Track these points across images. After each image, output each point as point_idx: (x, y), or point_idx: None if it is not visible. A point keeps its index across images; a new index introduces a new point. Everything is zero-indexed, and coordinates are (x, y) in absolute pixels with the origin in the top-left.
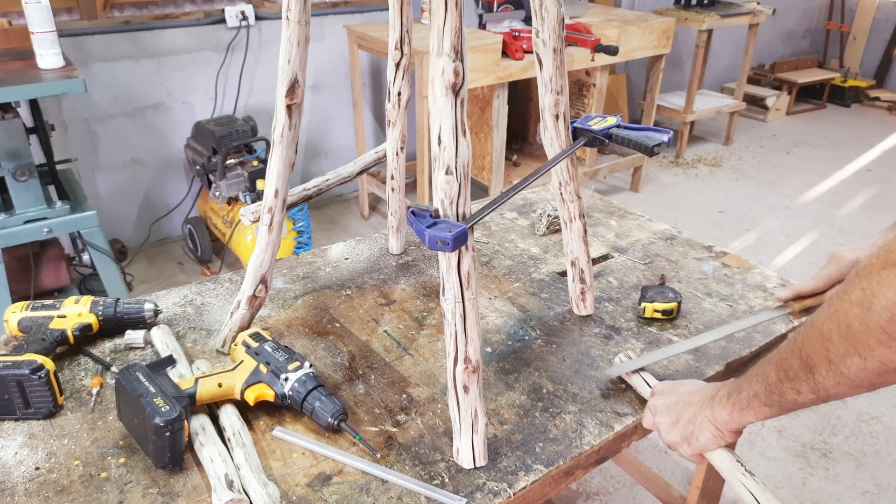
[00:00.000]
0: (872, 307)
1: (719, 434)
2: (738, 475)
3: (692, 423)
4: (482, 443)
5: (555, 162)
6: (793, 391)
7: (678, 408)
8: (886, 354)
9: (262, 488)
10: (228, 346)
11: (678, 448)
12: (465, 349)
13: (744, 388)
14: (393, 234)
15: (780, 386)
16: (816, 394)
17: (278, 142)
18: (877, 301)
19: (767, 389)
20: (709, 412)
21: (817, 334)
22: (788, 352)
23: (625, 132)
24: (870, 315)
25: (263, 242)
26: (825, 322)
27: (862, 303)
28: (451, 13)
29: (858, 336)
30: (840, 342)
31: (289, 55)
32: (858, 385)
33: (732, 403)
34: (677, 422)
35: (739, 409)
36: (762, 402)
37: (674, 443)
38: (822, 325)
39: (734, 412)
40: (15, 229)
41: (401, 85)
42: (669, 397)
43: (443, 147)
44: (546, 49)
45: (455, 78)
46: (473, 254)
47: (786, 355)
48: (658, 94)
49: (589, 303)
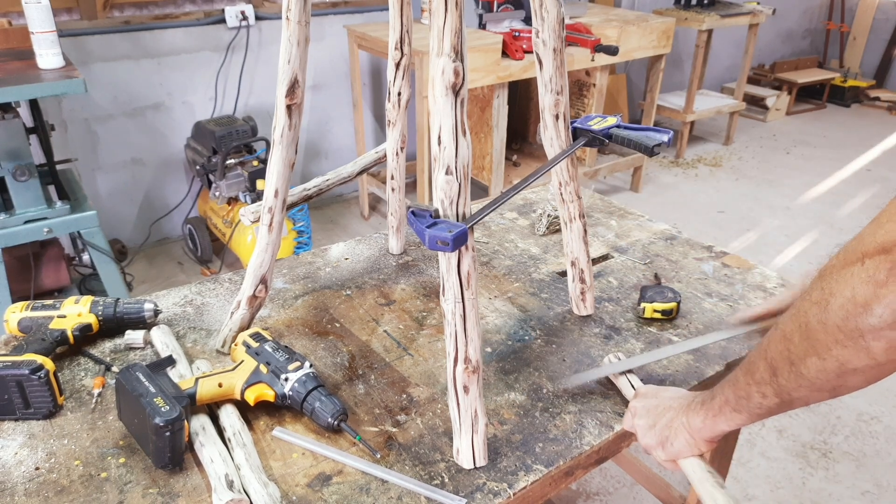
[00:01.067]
0: (830, 306)
1: (693, 442)
2: (708, 486)
3: (668, 427)
4: (482, 443)
5: (555, 162)
6: (759, 395)
7: (657, 411)
8: (843, 354)
9: (262, 488)
10: (228, 346)
11: (653, 452)
12: (465, 349)
13: (717, 394)
14: (393, 234)
15: (748, 389)
16: (780, 397)
17: (278, 142)
18: (834, 300)
19: (736, 394)
20: (685, 418)
21: (780, 335)
22: (756, 355)
23: (625, 132)
24: (827, 314)
25: (263, 242)
26: (788, 323)
27: (820, 302)
28: (451, 13)
29: (817, 335)
30: (800, 342)
31: (289, 55)
32: (819, 388)
33: (706, 410)
34: (654, 425)
35: (712, 415)
36: (732, 408)
37: (649, 446)
38: (784, 326)
39: (707, 419)
40: (15, 229)
41: (401, 85)
42: (650, 400)
43: (443, 147)
44: (546, 49)
45: (455, 78)
46: (473, 254)
47: (753, 359)
48: (658, 94)
49: (589, 303)
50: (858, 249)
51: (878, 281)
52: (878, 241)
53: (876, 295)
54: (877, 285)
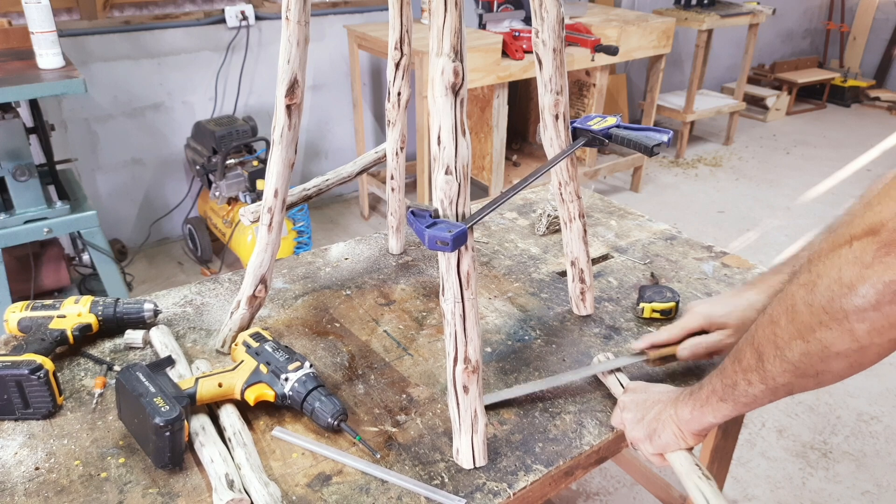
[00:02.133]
0: (816, 287)
1: (681, 434)
2: (695, 477)
3: (656, 420)
4: (482, 443)
5: (554, 162)
6: (745, 382)
7: (646, 405)
8: (827, 336)
9: (263, 488)
10: (228, 346)
11: (640, 445)
12: (464, 349)
13: (705, 385)
14: (393, 234)
15: (734, 377)
16: (765, 384)
17: (278, 142)
18: (821, 282)
19: (723, 383)
20: (673, 410)
21: (768, 320)
22: (743, 342)
23: (624, 132)
24: (813, 296)
25: (263, 242)
26: (775, 307)
27: (808, 284)
28: (451, 13)
29: (802, 318)
30: (786, 325)
31: (288, 55)
32: (803, 373)
33: (694, 400)
34: (642, 419)
35: (700, 405)
36: (719, 398)
37: (637, 439)
38: (772, 310)
39: (695, 410)
40: (15, 229)
41: (400, 85)
42: (639, 395)
43: (442, 147)
44: (546, 49)
45: (455, 78)
46: (473, 254)
47: (741, 346)
48: (658, 94)
49: (588, 303)
50: (847, 232)
51: (865, 262)
52: (866, 222)
53: (861, 276)
54: (863, 266)
